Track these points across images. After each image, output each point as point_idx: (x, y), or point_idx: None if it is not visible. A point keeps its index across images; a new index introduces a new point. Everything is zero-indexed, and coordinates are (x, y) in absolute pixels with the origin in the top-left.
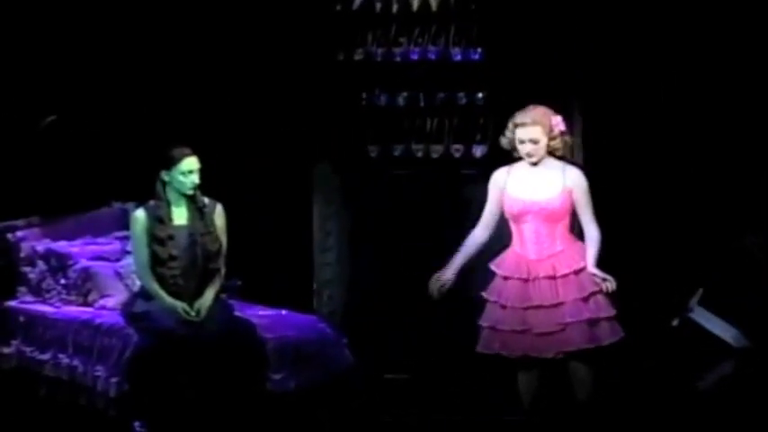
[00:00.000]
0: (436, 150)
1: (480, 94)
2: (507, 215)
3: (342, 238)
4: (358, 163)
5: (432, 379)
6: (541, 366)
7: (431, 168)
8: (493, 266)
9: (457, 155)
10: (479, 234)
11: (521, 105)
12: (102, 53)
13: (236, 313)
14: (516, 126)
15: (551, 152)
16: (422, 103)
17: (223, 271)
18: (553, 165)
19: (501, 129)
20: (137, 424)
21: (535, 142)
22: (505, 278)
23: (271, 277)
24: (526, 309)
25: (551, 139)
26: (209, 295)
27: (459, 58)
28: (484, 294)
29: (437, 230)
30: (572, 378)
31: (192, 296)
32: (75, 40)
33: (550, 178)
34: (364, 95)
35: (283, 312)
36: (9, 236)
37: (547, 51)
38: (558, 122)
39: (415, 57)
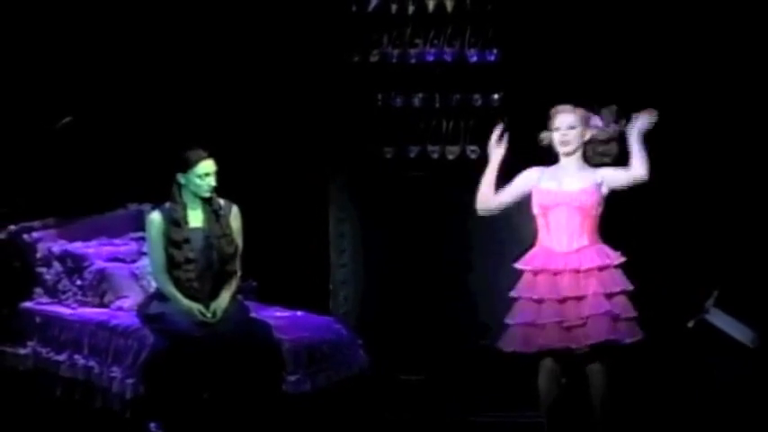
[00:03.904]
0: (452, 152)
1: (496, 96)
2: (538, 209)
3: (357, 239)
4: (373, 164)
5: (447, 380)
6: (562, 365)
7: (447, 170)
8: (520, 265)
9: (473, 156)
10: (498, 196)
11: (537, 106)
12: (119, 55)
13: (252, 315)
14: (556, 114)
15: (586, 160)
16: (437, 105)
17: (239, 273)
18: (586, 167)
19: (517, 130)
20: (152, 425)
21: (571, 127)
22: (535, 273)
23: (287, 278)
24: (558, 301)
25: (588, 139)
26: (225, 297)
27: (474, 59)
28: (512, 294)
29: (452, 232)
30: (589, 381)
31: (207, 298)
32: (91, 42)
33: (583, 174)
34: (380, 97)
35: (299, 314)
36: (25, 237)
37: (562, 52)
38: (595, 120)
39: (430, 58)
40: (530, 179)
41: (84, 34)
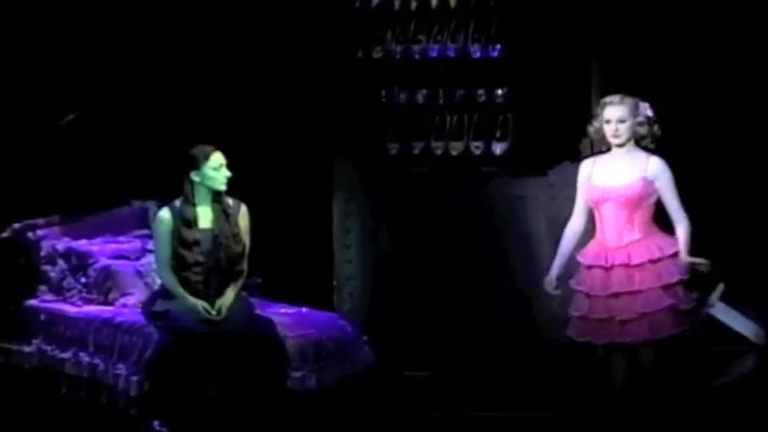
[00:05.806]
0: (456, 148)
1: (500, 91)
2: (589, 203)
3: (362, 235)
4: (378, 160)
5: (452, 376)
6: (624, 351)
7: (450, 166)
8: (579, 257)
9: (477, 152)
10: (575, 223)
11: (540, 102)
12: (123, 52)
13: (257, 311)
14: (605, 105)
15: (637, 141)
16: (441, 101)
17: (246, 271)
18: (637, 154)
19: (521, 126)
20: (156, 423)
21: (621, 121)
22: (589, 267)
23: (291, 275)
24: (608, 297)
25: (638, 124)
26: (230, 294)
27: (478, 54)
28: (571, 283)
29: (457, 228)
30: (639, 360)
31: (213, 296)
32: (97, 39)
33: (632, 166)
34: (383, 93)
35: (304, 310)
36: (29, 234)
37: (566, 48)
38: (645, 107)
39: (434, 54)
40: (584, 173)
41: (87, 32)
